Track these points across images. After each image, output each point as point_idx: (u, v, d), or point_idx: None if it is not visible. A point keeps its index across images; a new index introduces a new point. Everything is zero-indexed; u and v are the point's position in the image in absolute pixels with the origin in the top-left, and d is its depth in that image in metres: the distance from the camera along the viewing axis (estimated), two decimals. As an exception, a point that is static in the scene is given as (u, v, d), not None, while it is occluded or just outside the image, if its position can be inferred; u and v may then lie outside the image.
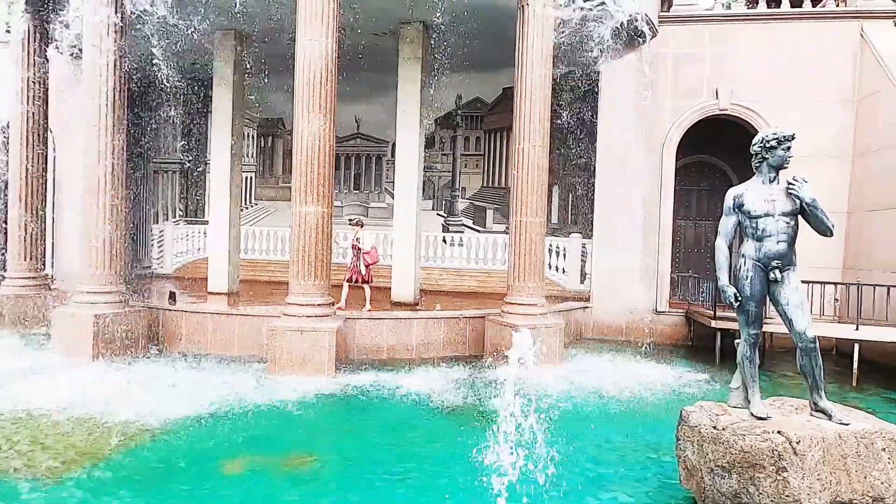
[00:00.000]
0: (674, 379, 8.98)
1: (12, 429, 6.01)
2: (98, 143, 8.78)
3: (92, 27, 8.67)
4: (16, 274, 10.91)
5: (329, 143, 8.36)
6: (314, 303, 8.29)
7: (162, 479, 5.16)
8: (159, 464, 5.47)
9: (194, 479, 5.17)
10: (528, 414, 6.97)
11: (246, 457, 5.67)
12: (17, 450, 5.53)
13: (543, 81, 9.28)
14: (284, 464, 5.52)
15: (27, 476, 5.07)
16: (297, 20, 8.38)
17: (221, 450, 5.84)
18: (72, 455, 5.50)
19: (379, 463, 5.58)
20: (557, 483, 4.93)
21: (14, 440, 5.75)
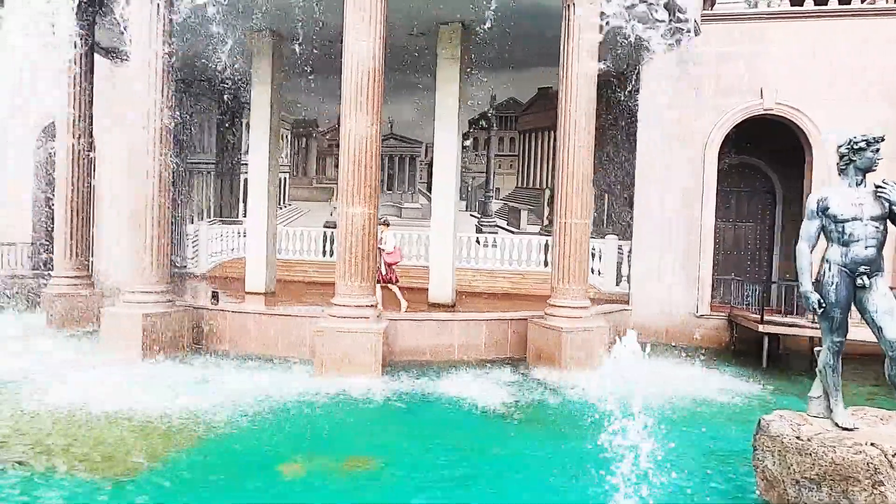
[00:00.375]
0: (722, 384, 8.82)
1: (75, 429, 6.06)
2: (146, 147, 8.88)
3: (141, 28, 8.76)
4: (62, 273, 11.07)
5: (376, 144, 8.35)
6: (360, 304, 8.28)
7: (226, 481, 5.18)
8: (221, 464, 5.50)
9: (260, 480, 5.17)
10: (588, 418, 6.91)
11: (306, 458, 5.66)
12: (83, 450, 5.57)
13: (588, 82, 9.17)
14: (345, 466, 5.50)
15: (97, 476, 5.10)
16: (344, 21, 8.37)
17: (279, 451, 5.84)
18: (135, 455, 5.53)
19: (441, 466, 5.54)
20: (627, 490, 4.85)
21: (78, 440, 5.79)
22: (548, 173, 14.71)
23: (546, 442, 6.30)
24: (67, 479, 4.98)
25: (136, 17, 8.86)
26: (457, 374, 8.62)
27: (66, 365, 8.36)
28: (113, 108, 13.73)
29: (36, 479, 4.97)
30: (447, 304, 11.77)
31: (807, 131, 11.38)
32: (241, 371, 8.44)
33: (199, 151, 16.77)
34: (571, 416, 7.16)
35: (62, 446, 5.60)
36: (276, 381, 7.98)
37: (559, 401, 7.74)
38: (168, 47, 8.92)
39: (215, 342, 9.69)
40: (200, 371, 8.44)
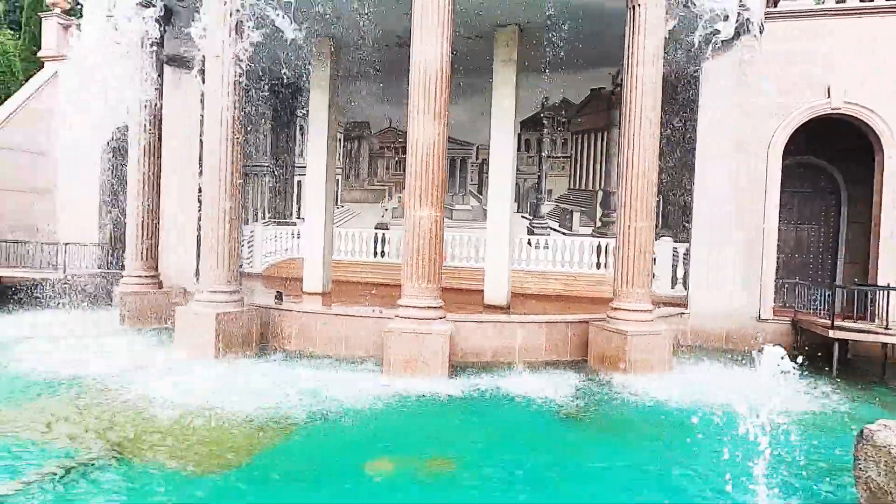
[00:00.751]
0: (794, 391, 8.61)
1: (163, 425, 6.31)
2: (220, 151, 9.19)
3: (215, 48, 9.06)
4: (133, 273, 11.54)
5: (442, 147, 8.46)
6: (427, 305, 8.41)
7: (317, 478, 5.33)
8: (309, 462, 5.67)
9: (349, 478, 5.31)
10: (664, 424, 6.88)
11: (390, 458, 5.78)
12: (174, 446, 5.79)
13: (653, 83, 9.08)
14: (429, 467, 5.61)
15: (193, 471, 5.30)
16: (412, 26, 8.50)
17: (359, 449, 5.99)
18: (225, 451, 5.73)
19: (524, 469, 5.60)
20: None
21: (168, 436, 6.03)
22: (601, 175, 14.60)
23: (624, 447, 6.29)
24: (165, 473, 5.20)
25: (211, 41, 9.16)
26: (521, 376, 8.66)
27: (145, 362, 8.72)
28: (170, 117, 14.20)
29: (136, 472, 5.22)
30: (502, 306, 11.81)
31: (878, 131, 11.02)
32: (310, 370, 8.66)
33: (255, 154, 17.21)
34: (646, 420, 7.13)
35: (153, 442, 5.84)
36: (345, 381, 8.16)
37: (630, 405, 7.70)
38: (240, 67, 9.20)
39: (282, 341, 9.95)
40: (271, 369, 8.69)
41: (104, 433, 6.01)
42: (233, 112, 9.20)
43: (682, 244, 13.20)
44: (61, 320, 11.72)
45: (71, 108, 15.71)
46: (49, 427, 6.12)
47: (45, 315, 12.25)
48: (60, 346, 9.53)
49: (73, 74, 15.63)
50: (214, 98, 9.18)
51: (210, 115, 9.25)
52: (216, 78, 9.13)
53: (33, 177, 15.91)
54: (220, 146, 9.13)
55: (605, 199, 14.55)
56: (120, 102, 14.00)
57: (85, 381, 7.73)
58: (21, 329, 10.84)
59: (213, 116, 9.18)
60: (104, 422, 6.34)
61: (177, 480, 5.12)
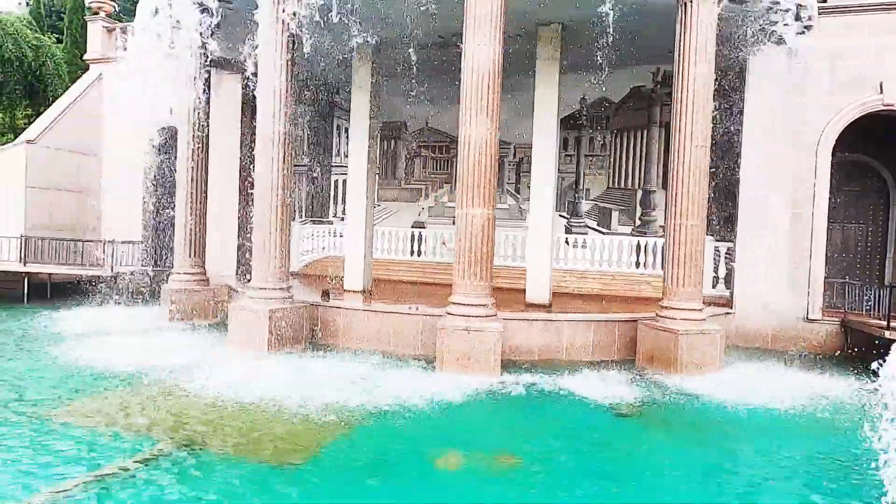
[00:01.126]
0: (850, 392, 8.48)
1: (229, 417, 6.45)
2: (271, 152, 9.36)
3: (267, 58, 9.24)
4: (182, 270, 11.80)
5: (494, 146, 8.51)
6: (479, 303, 8.45)
7: (388, 471, 5.41)
8: (377, 456, 5.74)
9: (419, 472, 5.39)
10: (722, 422, 6.83)
11: (456, 452, 5.84)
12: (243, 437, 5.93)
13: (705, 81, 9.01)
14: (496, 462, 5.65)
15: (265, 462, 5.43)
16: (464, 26, 8.56)
17: (425, 444, 6.06)
18: (293, 444, 5.85)
19: (588, 466, 5.62)
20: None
21: (235, 428, 6.16)
22: (640, 174, 14.51)
23: (685, 445, 6.27)
24: (240, 465, 5.33)
25: (263, 51, 9.35)
26: (572, 375, 8.65)
27: (201, 356, 8.91)
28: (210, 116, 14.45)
29: (213, 464, 5.35)
30: (544, 305, 11.81)
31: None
32: (362, 365, 8.77)
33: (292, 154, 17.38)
34: (707, 420, 7.09)
35: (222, 434, 5.98)
36: (398, 376, 8.26)
37: (685, 404, 7.66)
38: (289, 75, 9.36)
39: (329, 337, 10.08)
40: (323, 364, 8.82)
41: (175, 426, 6.17)
42: (283, 108, 9.35)
43: (723, 243, 13.06)
44: (112, 316, 12.02)
45: (117, 110, 16.13)
46: (122, 419, 6.30)
47: (97, 311, 12.56)
48: (116, 341, 9.78)
49: (121, 77, 16.04)
50: (266, 93, 9.34)
51: (261, 114, 9.41)
52: (267, 85, 9.30)
53: (81, 177, 16.32)
54: (273, 144, 9.29)
55: (645, 198, 14.45)
56: (165, 104, 14.35)
57: (146, 375, 7.93)
58: (76, 325, 11.14)
59: (265, 115, 9.35)
60: (172, 415, 6.50)
61: (253, 472, 5.24)
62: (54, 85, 18.75)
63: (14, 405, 6.64)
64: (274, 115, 9.29)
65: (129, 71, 12.33)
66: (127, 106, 14.77)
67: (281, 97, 9.29)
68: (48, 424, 6.06)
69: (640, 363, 9.37)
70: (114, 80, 16.59)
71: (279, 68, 9.22)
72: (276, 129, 9.32)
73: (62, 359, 8.66)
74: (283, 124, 9.32)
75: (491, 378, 8.13)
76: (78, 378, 7.77)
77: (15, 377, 7.77)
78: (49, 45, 19.17)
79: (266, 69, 9.32)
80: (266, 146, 9.38)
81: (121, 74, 16.25)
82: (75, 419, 6.24)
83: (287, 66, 9.30)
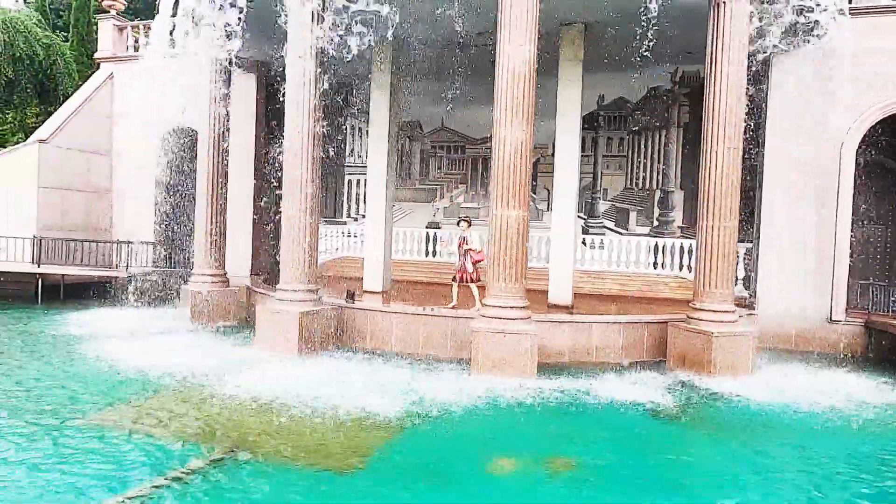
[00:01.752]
0: (882, 393, 8.48)
1: (276, 423, 6.35)
2: (301, 150, 9.29)
3: (296, 54, 9.15)
4: (202, 272, 11.69)
5: (529, 147, 8.46)
6: (514, 305, 8.40)
7: (443, 476, 5.35)
8: (429, 460, 5.68)
9: (475, 477, 5.33)
10: (766, 424, 6.80)
11: (507, 457, 5.79)
12: (290, 443, 5.82)
13: (738, 82, 8.99)
14: (551, 466, 5.60)
15: (316, 468, 5.34)
16: (498, 27, 8.50)
17: (475, 448, 6.02)
18: (342, 449, 5.76)
19: (643, 468, 5.58)
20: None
21: (280, 433, 6.06)
22: (658, 174, 14.50)
23: (733, 448, 6.23)
24: (294, 472, 5.25)
25: (293, 35, 9.28)
26: (605, 377, 8.62)
27: (231, 358, 8.83)
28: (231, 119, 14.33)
29: (266, 471, 5.27)
30: (567, 306, 11.78)
31: (956, 129, 10.82)
32: (394, 368, 8.71)
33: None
34: (748, 422, 7.07)
35: (270, 440, 5.89)
36: (434, 380, 8.20)
37: (723, 406, 7.65)
38: (318, 65, 9.28)
39: (357, 339, 10.00)
40: (356, 367, 8.74)
41: (219, 431, 6.09)
42: (313, 111, 9.30)
43: (742, 244, 13.04)
44: (132, 318, 11.91)
45: (130, 110, 15.98)
46: (164, 425, 6.19)
47: (115, 313, 12.46)
48: (141, 343, 9.69)
49: (136, 76, 15.91)
50: (295, 103, 9.28)
51: (291, 113, 9.34)
52: (295, 89, 9.24)
53: (92, 177, 16.16)
54: (303, 140, 9.23)
55: (664, 199, 14.44)
56: (181, 104, 14.23)
57: (178, 377, 7.84)
58: (97, 327, 11.02)
59: (294, 113, 9.28)
60: (215, 419, 6.42)
61: (311, 478, 5.17)
62: (65, 84, 18.56)
63: (60, 410, 6.54)
64: (304, 111, 9.20)
65: (147, 69, 12.20)
66: (141, 105, 14.63)
67: (312, 90, 9.18)
68: (98, 431, 5.94)
69: (671, 364, 9.34)
70: (126, 79, 16.44)
71: (311, 57, 9.09)
72: (305, 125, 9.23)
73: (94, 362, 8.55)
74: (313, 120, 9.23)
75: (527, 381, 8.08)
76: (113, 382, 7.66)
77: (54, 381, 7.66)
78: (59, 44, 18.97)
79: (296, 60, 9.20)
80: (295, 143, 9.30)
81: (136, 73, 16.16)
82: (122, 425, 6.13)
83: (317, 55, 9.18)
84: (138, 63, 16.26)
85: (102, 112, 16.51)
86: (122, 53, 16.79)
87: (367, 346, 9.93)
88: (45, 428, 5.95)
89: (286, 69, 9.49)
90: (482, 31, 10.76)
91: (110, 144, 16.71)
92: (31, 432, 5.83)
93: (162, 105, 14.72)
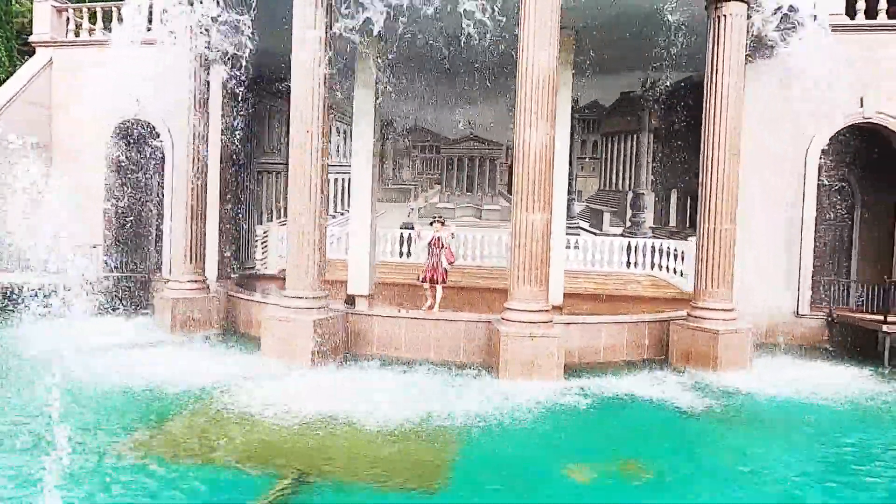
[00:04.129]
0: (861, 381, 9.22)
1: (331, 442, 5.99)
2: (309, 145, 8.89)
3: (304, 59, 8.78)
4: (182, 277, 10.90)
5: (552, 151, 8.50)
6: (538, 308, 8.43)
7: (526, 488, 5.26)
8: (502, 474, 5.53)
9: (554, 486, 5.27)
10: (790, 417, 7.18)
11: (578, 463, 5.77)
12: (363, 464, 5.54)
13: (736, 91, 9.47)
14: (624, 470, 5.65)
15: (403, 489, 5.13)
16: (521, 29, 8.48)
17: (542, 456, 5.97)
18: (413, 468, 5.55)
19: (708, 465, 5.78)
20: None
21: (343, 453, 5.76)
22: (631, 176, 15.03)
23: (774, 440, 6.56)
24: (382, 495, 5.00)
25: (299, 13, 8.82)
26: (621, 376, 8.85)
27: (241, 371, 8.29)
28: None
29: (354, 496, 4.99)
30: (558, 306, 11.93)
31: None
32: (414, 375, 8.50)
33: (269, 151, 16.53)
34: (770, 414, 7.47)
35: (337, 461, 5.59)
36: (462, 386, 8.09)
37: (741, 400, 8.01)
38: (328, 49, 8.89)
39: (364, 347, 9.68)
40: (376, 375, 8.49)
41: (275, 455, 5.67)
42: (322, 117, 8.91)
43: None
44: (100, 329, 10.83)
45: (78, 99, 14.62)
46: (212, 451, 5.68)
47: (77, 324, 11.27)
48: (131, 357, 8.91)
49: (84, 63, 14.57)
50: (303, 86, 8.86)
51: (299, 101, 8.92)
52: (303, 88, 8.86)
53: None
54: (311, 136, 8.85)
55: (635, 200, 14.99)
56: (140, 94, 13.19)
57: (194, 394, 7.28)
58: (65, 341, 9.94)
59: (302, 101, 8.87)
60: (263, 441, 5.98)
61: (401, 500, 4.93)
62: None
63: (87, 441, 5.82)
64: (313, 103, 8.76)
65: (113, 57, 11.20)
66: (95, 95, 13.39)
67: (320, 78, 8.75)
68: (142, 462, 5.35)
69: (675, 361, 9.72)
70: (69, 65, 15.00)
71: (319, 42, 8.67)
72: (315, 117, 8.81)
73: (84, 381, 7.70)
74: (322, 112, 8.83)
75: (555, 384, 8.13)
76: (125, 401, 6.98)
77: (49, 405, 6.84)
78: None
79: (301, 45, 8.75)
80: (303, 139, 8.85)
81: (83, 60, 14.76)
82: (164, 453, 5.57)
83: (326, 43, 8.78)
84: (85, 49, 14.98)
85: (39, 101, 14.98)
86: (62, 38, 15.29)
87: (376, 352, 9.62)
88: (82, 464, 5.29)
89: (293, 48, 8.96)
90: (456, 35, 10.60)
91: (49, 137, 15.19)
92: (70, 472, 5.15)
93: (115, 95, 13.63)
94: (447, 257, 10.33)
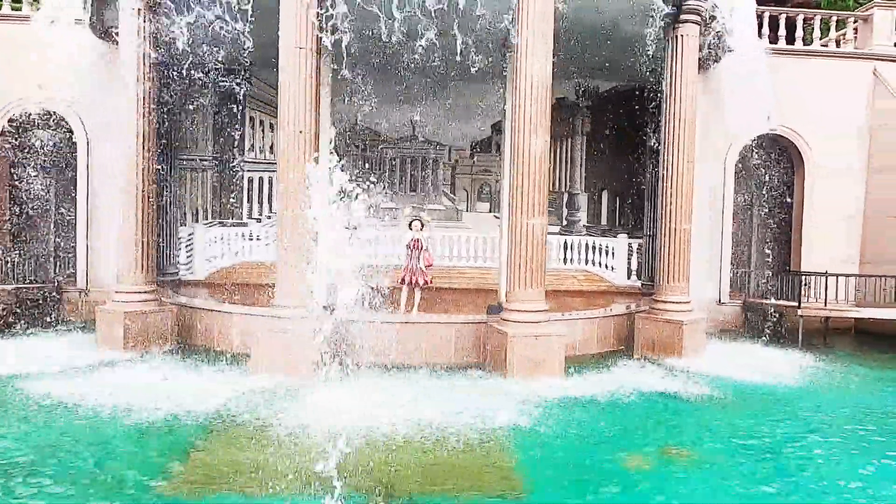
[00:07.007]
0: (793, 360, 10.67)
1: (387, 457, 5.79)
2: (298, 146, 8.43)
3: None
4: (133, 289, 9.81)
5: (547, 158, 8.84)
6: (539, 309, 8.76)
7: (603, 483, 5.52)
8: (570, 477, 5.69)
9: (620, 477, 5.61)
10: (762, 397, 8.15)
11: (629, 453, 6.15)
12: (433, 481, 5.44)
13: (692, 103, 10.47)
14: (671, 456, 6.13)
15: (486, 499, 5.15)
16: (517, 36, 8.72)
17: (596, 450, 6.21)
18: (483, 480, 5.47)
19: (741, 444, 6.46)
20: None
21: (408, 470, 5.61)
22: (566, 178, 15.90)
23: (768, 416, 7.44)
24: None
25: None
26: (608, 368, 9.47)
27: (243, 391, 7.75)
28: (109, 98, 12.13)
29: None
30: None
31: (801, 149, 13.96)
32: (421, 381, 8.47)
33: (193, 148, 15.25)
34: (759, 397, 8.39)
35: (406, 478, 5.42)
36: (477, 388, 8.17)
37: (714, 383, 8.89)
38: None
39: (359, 353, 9.38)
40: (387, 383, 8.32)
41: (344, 476, 5.41)
42: (313, 103, 8.51)
43: (635, 240, 15.12)
44: (21, 352, 9.39)
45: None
46: (268, 481, 5.27)
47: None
48: (96, 380, 7.94)
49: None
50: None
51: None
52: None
53: None
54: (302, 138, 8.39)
55: (570, 201, 15.89)
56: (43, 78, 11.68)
57: (205, 417, 6.71)
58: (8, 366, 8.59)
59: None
60: (315, 461, 5.65)
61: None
62: None
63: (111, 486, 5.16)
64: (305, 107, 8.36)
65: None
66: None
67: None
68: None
69: (641, 351, 10.56)
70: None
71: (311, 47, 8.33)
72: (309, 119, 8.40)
73: (61, 411, 6.76)
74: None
75: (561, 380, 8.52)
76: (129, 433, 6.23)
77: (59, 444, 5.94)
78: None
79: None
80: (291, 139, 8.40)
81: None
82: (218, 489, 5.10)
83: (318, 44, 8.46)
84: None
85: None
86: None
87: (373, 360, 9.28)
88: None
89: (279, 59, 8.48)
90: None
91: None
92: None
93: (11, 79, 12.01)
94: (425, 259, 10.27)
